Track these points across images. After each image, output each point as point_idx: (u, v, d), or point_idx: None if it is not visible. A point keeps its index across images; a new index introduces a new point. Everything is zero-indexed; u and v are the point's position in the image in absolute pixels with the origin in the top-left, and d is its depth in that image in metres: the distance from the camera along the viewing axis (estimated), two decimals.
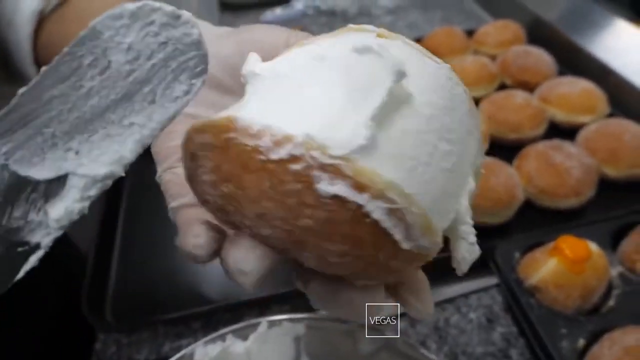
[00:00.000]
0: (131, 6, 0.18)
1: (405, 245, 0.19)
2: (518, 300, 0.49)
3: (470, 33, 0.91)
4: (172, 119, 0.18)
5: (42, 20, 0.43)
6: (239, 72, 0.27)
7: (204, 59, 0.19)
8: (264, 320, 0.40)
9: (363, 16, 1.13)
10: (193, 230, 0.22)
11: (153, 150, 0.29)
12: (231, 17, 1.17)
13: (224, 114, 0.20)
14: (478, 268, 0.55)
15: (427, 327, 0.53)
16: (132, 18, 0.18)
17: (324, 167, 0.17)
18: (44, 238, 0.17)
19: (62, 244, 0.70)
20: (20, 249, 0.17)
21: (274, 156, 0.18)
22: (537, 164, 0.61)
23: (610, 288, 0.50)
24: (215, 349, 0.39)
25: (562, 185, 0.59)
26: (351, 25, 0.24)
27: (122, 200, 0.71)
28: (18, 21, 0.42)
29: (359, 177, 0.17)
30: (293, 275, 0.24)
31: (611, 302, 0.49)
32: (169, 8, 0.19)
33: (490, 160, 0.62)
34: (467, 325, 0.53)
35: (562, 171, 0.60)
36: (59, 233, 0.17)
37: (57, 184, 0.17)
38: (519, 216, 0.60)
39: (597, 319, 0.48)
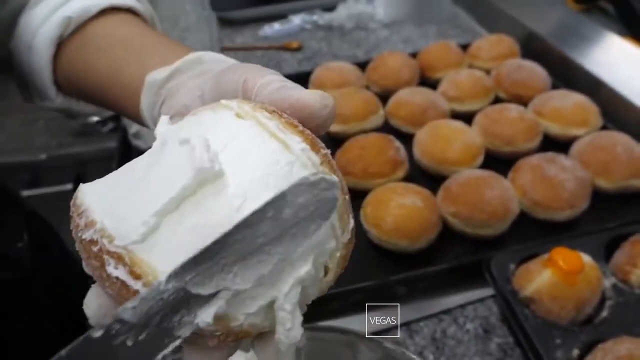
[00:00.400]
0: (312, 178, 0.22)
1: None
2: (513, 311, 0.50)
3: (465, 47, 0.92)
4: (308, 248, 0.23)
5: (61, 44, 0.45)
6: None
7: (334, 205, 0.23)
8: None
9: (359, 30, 1.15)
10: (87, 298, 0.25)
11: None
12: (230, 32, 1.18)
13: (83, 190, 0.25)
14: (475, 279, 0.56)
15: (425, 338, 0.54)
16: (309, 186, 0.22)
17: (110, 253, 0.21)
18: (186, 332, 0.22)
19: (71, 258, 0.71)
20: (166, 340, 0.21)
21: (84, 236, 0.22)
22: (531, 176, 0.63)
23: (603, 299, 0.51)
24: None
25: (556, 197, 0.60)
26: (222, 101, 0.26)
27: None
28: (38, 46, 0.45)
29: (135, 267, 0.21)
30: None
31: (604, 313, 0.50)
32: (333, 178, 0.23)
33: (485, 173, 0.63)
34: (464, 335, 0.54)
35: (556, 184, 0.61)
36: (198, 328, 0.22)
37: (212, 295, 0.22)
38: (514, 228, 0.61)
39: (590, 329, 0.48)
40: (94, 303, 0.24)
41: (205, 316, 0.22)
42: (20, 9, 0.47)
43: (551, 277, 0.49)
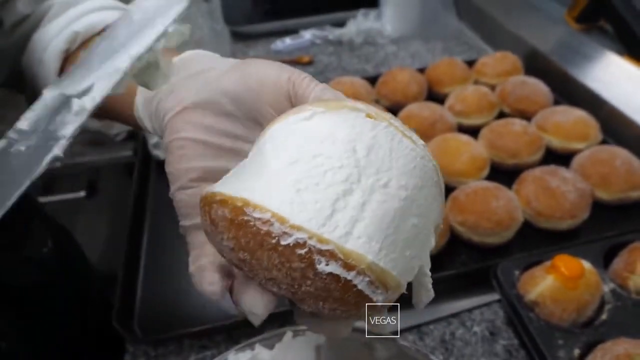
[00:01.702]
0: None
1: (380, 301, 0.24)
2: (518, 314, 0.53)
3: (470, 63, 0.96)
4: (167, 26, 0.28)
5: (67, 57, 0.47)
6: (244, 103, 0.32)
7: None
8: (289, 330, 0.45)
9: (368, 45, 1.19)
10: (207, 277, 0.28)
11: (167, 170, 0.34)
12: (243, 46, 1.22)
13: (237, 191, 0.24)
14: (482, 284, 0.59)
15: (434, 340, 0.57)
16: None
17: (321, 252, 0.23)
18: (68, 130, 0.25)
19: (94, 266, 0.74)
20: (51, 142, 0.24)
21: (284, 242, 0.23)
22: (534, 188, 0.66)
23: (603, 303, 0.54)
24: (245, 356, 0.43)
25: (558, 208, 0.63)
26: (346, 103, 0.27)
27: (146, 221, 0.75)
28: (47, 59, 0.47)
29: (348, 259, 0.23)
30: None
31: (604, 316, 0.53)
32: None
33: (491, 184, 0.66)
34: (472, 338, 0.57)
35: (558, 195, 0.64)
36: (79, 121, 0.25)
37: (88, 90, 0.26)
38: (519, 236, 0.64)
39: (591, 331, 0.51)
40: (259, 303, 0.26)
41: (86, 101, 0.25)
42: (35, 27, 0.49)
43: (554, 283, 0.52)
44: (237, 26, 1.26)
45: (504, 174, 0.72)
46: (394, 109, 0.85)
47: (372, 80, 0.94)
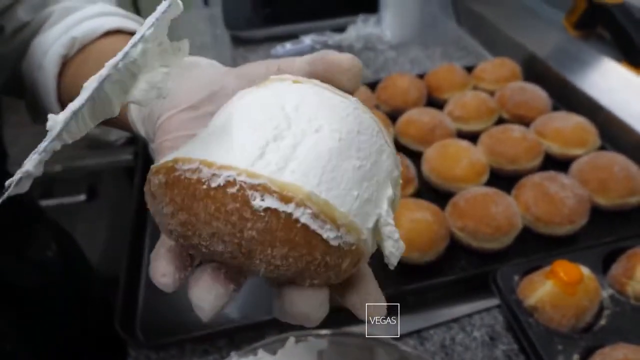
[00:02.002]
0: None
1: (333, 242, 0.23)
2: (518, 319, 0.53)
3: (469, 69, 0.97)
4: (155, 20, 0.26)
5: (66, 63, 0.47)
6: None
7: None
8: (292, 336, 0.45)
9: (368, 51, 1.19)
10: (160, 268, 0.26)
11: (152, 147, 0.33)
12: (243, 51, 1.23)
13: (170, 156, 0.24)
14: (481, 289, 0.60)
15: (435, 345, 0.58)
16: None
17: (254, 187, 0.22)
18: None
19: (96, 273, 0.74)
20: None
21: (214, 184, 0.22)
22: (533, 193, 0.66)
23: (601, 309, 0.54)
24: None
25: (557, 213, 0.64)
26: (272, 77, 0.28)
27: (147, 225, 0.76)
28: (46, 65, 0.47)
29: (284, 191, 0.22)
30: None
31: (602, 322, 0.53)
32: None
33: (490, 190, 0.67)
34: (472, 343, 0.57)
35: (557, 201, 0.64)
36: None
37: None
38: (518, 242, 0.64)
39: (590, 336, 0.52)
40: (207, 296, 0.24)
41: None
42: (34, 34, 0.50)
43: (553, 288, 0.53)
44: (238, 31, 1.26)
45: (503, 179, 0.73)
46: (393, 114, 0.86)
47: (372, 85, 0.94)
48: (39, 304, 0.60)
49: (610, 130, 0.79)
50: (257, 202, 0.22)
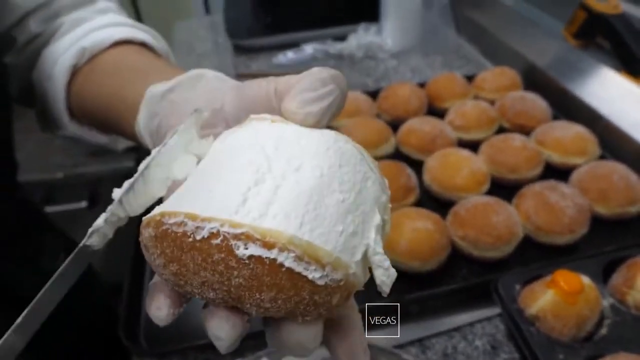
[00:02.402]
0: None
1: (320, 281, 0.23)
2: (520, 328, 0.54)
3: (470, 78, 0.98)
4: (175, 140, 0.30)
5: (75, 72, 0.48)
6: (237, 123, 0.32)
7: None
8: None
9: (369, 60, 1.20)
10: (155, 301, 0.27)
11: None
12: (245, 59, 1.24)
13: (157, 210, 0.25)
14: (483, 298, 0.60)
15: (437, 354, 0.58)
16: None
17: (237, 237, 0.22)
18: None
19: (100, 279, 0.75)
20: None
21: (199, 237, 0.22)
22: (534, 203, 0.67)
23: (602, 318, 0.55)
24: None
25: (557, 222, 0.64)
26: (252, 115, 0.28)
27: None
28: (56, 74, 0.48)
29: (266, 237, 0.22)
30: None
31: (603, 331, 0.53)
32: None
33: (491, 199, 0.67)
34: (473, 352, 0.58)
35: (557, 210, 0.65)
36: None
37: None
38: (519, 251, 0.65)
39: (590, 345, 0.52)
40: (225, 326, 0.24)
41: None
42: (45, 44, 0.50)
43: (554, 297, 0.53)
44: (239, 39, 1.27)
45: (503, 188, 0.73)
46: (394, 124, 0.87)
47: (373, 94, 0.95)
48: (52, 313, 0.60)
49: (610, 140, 0.80)
50: (241, 251, 0.22)
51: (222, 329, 0.25)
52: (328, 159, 0.25)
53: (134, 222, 0.77)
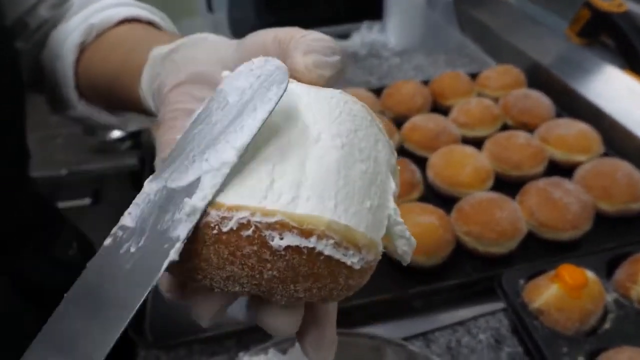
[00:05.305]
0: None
1: (356, 266, 0.22)
2: (523, 322, 0.54)
3: (474, 76, 0.98)
4: (270, 112, 0.23)
5: (83, 50, 0.49)
6: None
7: (284, 74, 0.23)
8: None
9: (372, 58, 1.21)
10: (165, 283, 0.26)
11: (156, 142, 0.33)
12: None
13: None
14: (486, 293, 0.61)
15: (440, 347, 0.58)
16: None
17: (271, 226, 0.20)
18: (182, 231, 0.21)
19: None
20: (166, 245, 0.21)
21: (225, 228, 0.20)
22: (538, 199, 0.67)
23: (606, 312, 0.55)
24: None
25: (561, 219, 0.65)
26: None
27: None
28: (64, 53, 0.49)
29: (303, 224, 0.20)
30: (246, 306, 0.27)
31: (607, 325, 0.54)
32: (262, 60, 0.25)
33: (495, 195, 0.67)
34: (477, 345, 0.58)
35: (561, 206, 0.65)
36: (192, 221, 0.21)
37: (195, 185, 0.22)
38: (523, 247, 0.65)
39: (594, 339, 0.52)
40: (204, 308, 0.25)
41: (196, 200, 0.21)
42: (54, 27, 0.51)
43: (558, 291, 0.53)
44: (243, 37, 1.27)
45: (507, 185, 0.74)
46: (398, 121, 0.87)
47: (377, 92, 0.95)
48: (57, 303, 0.60)
49: (613, 137, 0.80)
50: (276, 242, 0.20)
51: (203, 312, 0.25)
52: (344, 125, 0.23)
53: None
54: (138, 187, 0.24)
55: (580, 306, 0.53)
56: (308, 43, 0.27)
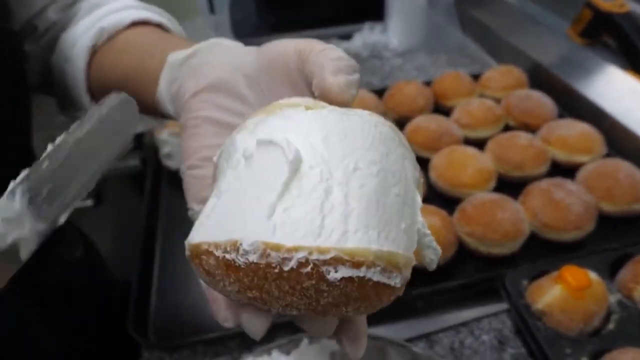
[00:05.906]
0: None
1: (399, 284, 0.24)
2: (527, 323, 0.54)
3: (476, 77, 0.98)
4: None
5: (93, 53, 0.49)
6: (258, 83, 0.33)
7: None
8: (305, 337, 0.46)
9: (374, 59, 1.21)
10: (221, 314, 0.29)
11: (181, 149, 0.34)
12: None
13: (223, 238, 0.23)
14: (489, 294, 0.61)
15: (444, 349, 0.58)
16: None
17: (327, 262, 0.22)
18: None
19: (109, 275, 0.75)
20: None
21: (286, 268, 0.22)
22: (540, 200, 0.67)
23: (609, 313, 0.55)
24: None
25: (563, 219, 0.65)
26: (280, 101, 0.28)
27: (158, 233, 0.77)
28: (75, 56, 0.49)
29: (354, 257, 0.22)
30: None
31: (611, 326, 0.54)
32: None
33: (497, 196, 0.67)
34: (480, 346, 0.58)
35: (563, 207, 0.65)
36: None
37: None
38: (526, 247, 0.65)
39: (597, 340, 0.52)
40: (256, 321, 0.27)
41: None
42: (63, 29, 0.51)
43: (561, 292, 0.53)
44: (245, 38, 1.26)
45: (510, 186, 0.74)
46: (401, 122, 0.87)
47: (379, 93, 0.95)
48: (61, 305, 0.60)
49: (615, 138, 0.80)
50: (332, 275, 0.22)
51: (254, 325, 0.27)
52: (377, 150, 0.25)
53: (142, 219, 0.78)
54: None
55: (584, 307, 0.53)
56: (334, 63, 0.28)
